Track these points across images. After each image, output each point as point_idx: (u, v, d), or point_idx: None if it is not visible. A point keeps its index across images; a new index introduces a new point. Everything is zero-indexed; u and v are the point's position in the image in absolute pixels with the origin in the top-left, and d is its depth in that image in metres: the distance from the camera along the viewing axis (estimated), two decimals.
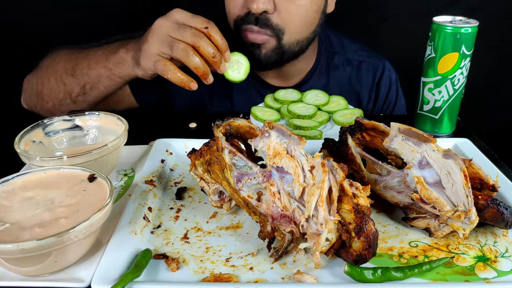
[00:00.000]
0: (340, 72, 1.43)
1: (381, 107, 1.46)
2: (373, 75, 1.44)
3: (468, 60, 1.01)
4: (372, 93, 1.45)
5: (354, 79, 1.44)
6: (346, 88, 1.43)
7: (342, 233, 0.64)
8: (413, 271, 0.64)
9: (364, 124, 0.84)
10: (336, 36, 1.48)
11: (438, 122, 1.08)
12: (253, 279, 0.64)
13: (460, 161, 0.69)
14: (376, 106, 1.45)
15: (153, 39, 1.03)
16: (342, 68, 1.44)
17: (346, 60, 1.44)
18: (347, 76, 1.44)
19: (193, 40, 1.00)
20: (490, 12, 1.73)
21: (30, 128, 0.88)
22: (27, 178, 0.73)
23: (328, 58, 1.43)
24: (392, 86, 1.46)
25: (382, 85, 1.45)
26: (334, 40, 1.47)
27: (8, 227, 0.62)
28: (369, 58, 1.46)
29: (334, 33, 1.49)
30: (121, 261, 0.64)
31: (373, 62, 1.45)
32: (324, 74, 1.42)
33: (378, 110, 1.46)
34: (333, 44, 1.46)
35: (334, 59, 1.43)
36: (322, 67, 1.42)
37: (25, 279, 0.64)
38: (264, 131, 0.73)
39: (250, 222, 0.77)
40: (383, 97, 1.46)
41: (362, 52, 1.47)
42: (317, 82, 1.40)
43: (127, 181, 0.90)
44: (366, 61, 1.45)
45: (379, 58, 1.47)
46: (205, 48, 1.00)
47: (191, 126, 1.16)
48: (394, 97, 1.47)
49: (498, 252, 0.70)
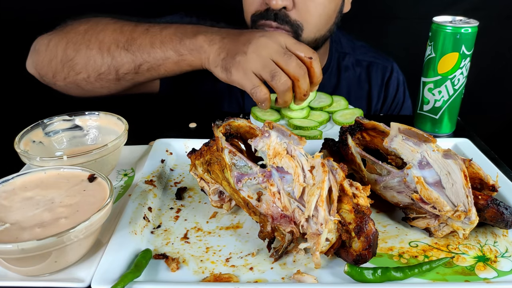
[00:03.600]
0: (350, 73, 1.45)
1: (389, 107, 1.48)
2: (382, 76, 1.47)
3: (468, 60, 1.01)
4: (381, 93, 1.47)
5: (363, 79, 1.46)
6: (356, 89, 1.44)
7: (342, 233, 0.64)
8: (413, 271, 0.64)
9: (364, 124, 0.84)
10: (347, 37, 1.50)
11: (438, 122, 1.08)
12: (253, 279, 0.64)
13: (460, 161, 0.69)
14: (385, 106, 1.48)
15: (254, 55, 0.97)
16: (352, 69, 1.45)
17: (356, 61, 1.46)
18: (356, 77, 1.45)
19: (296, 73, 0.97)
20: (490, 12, 1.73)
21: (30, 128, 0.88)
22: (27, 178, 0.72)
23: (339, 59, 1.45)
24: (400, 87, 1.49)
25: (391, 86, 1.47)
26: (345, 42, 1.49)
27: (8, 227, 0.62)
28: (378, 60, 1.48)
29: (344, 34, 1.51)
30: (121, 261, 0.64)
31: (382, 64, 1.48)
32: (334, 75, 1.43)
33: (386, 110, 1.48)
34: (344, 45, 1.48)
35: (344, 60, 1.45)
36: (333, 67, 1.43)
37: (25, 279, 0.64)
38: (264, 131, 0.73)
39: (250, 222, 0.77)
40: (391, 97, 1.48)
41: (371, 53, 1.50)
42: (328, 83, 1.41)
43: (127, 181, 0.90)
44: (376, 62, 1.47)
45: (387, 60, 1.50)
46: (302, 85, 0.99)
47: (191, 126, 1.16)
48: (402, 98, 1.49)
49: (498, 252, 0.70)
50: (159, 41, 1.05)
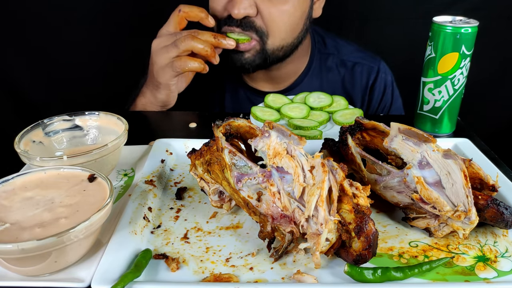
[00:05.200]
0: (333, 74, 1.42)
1: (376, 110, 1.45)
2: (367, 78, 1.43)
3: (468, 60, 1.01)
4: (365, 96, 1.44)
5: (347, 81, 1.43)
6: (339, 90, 1.42)
7: (342, 233, 0.64)
8: (413, 271, 0.64)
9: (364, 124, 0.84)
10: (331, 37, 1.47)
11: (438, 122, 1.08)
12: (253, 279, 0.64)
13: (460, 161, 0.69)
14: (370, 109, 1.45)
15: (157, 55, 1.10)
16: (335, 70, 1.43)
17: (340, 61, 1.43)
18: (340, 78, 1.43)
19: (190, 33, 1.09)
20: (490, 12, 1.73)
21: (30, 128, 0.88)
22: (27, 178, 0.72)
23: (321, 60, 1.42)
24: (387, 88, 1.45)
25: (376, 88, 1.44)
26: (329, 42, 1.46)
27: (8, 227, 0.62)
28: (364, 60, 1.44)
29: (329, 35, 1.48)
30: (121, 261, 0.64)
31: (367, 64, 1.44)
32: (316, 77, 1.41)
33: (373, 113, 1.45)
34: (328, 45, 1.45)
35: (327, 61, 1.43)
36: (315, 69, 1.41)
37: (25, 279, 0.64)
38: (264, 131, 0.73)
39: (250, 222, 0.77)
40: (377, 100, 1.45)
41: (358, 53, 1.46)
42: (310, 85, 1.39)
43: (127, 181, 0.90)
44: (361, 63, 1.44)
45: (374, 60, 1.46)
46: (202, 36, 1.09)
47: (191, 126, 1.15)
48: (390, 99, 1.46)
49: (498, 252, 0.70)
50: None
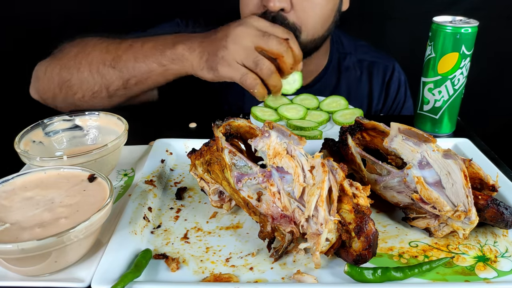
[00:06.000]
0: (350, 73, 1.45)
1: (390, 107, 1.48)
2: (383, 76, 1.46)
3: (468, 60, 1.01)
4: (382, 93, 1.47)
5: (365, 79, 1.46)
6: (356, 89, 1.44)
7: (342, 233, 0.64)
8: (413, 271, 0.64)
9: (364, 124, 0.84)
10: (348, 37, 1.50)
11: (438, 122, 1.08)
12: (253, 279, 0.64)
13: (460, 161, 0.69)
14: (385, 106, 1.47)
15: (235, 46, 0.99)
16: (353, 69, 1.45)
17: (357, 61, 1.46)
18: (357, 77, 1.45)
19: (279, 50, 1.00)
20: (490, 12, 1.73)
21: (30, 128, 0.88)
22: (27, 178, 0.72)
23: (339, 59, 1.44)
24: (401, 87, 1.48)
25: (392, 86, 1.47)
26: (346, 42, 1.48)
27: (8, 227, 0.62)
28: (380, 59, 1.48)
29: (346, 35, 1.50)
30: (121, 261, 0.64)
31: (383, 63, 1.47)
32: (334, 75, 1.43)
33: (387, 110, 1.48)
34: (345, 45, 1.48)
35: (345, 60, 1.45)
36: (334, 68, 1.43)
37: (25, 279, 0.64)
38: (264, 131, 0.73)
39: (250, 222, 0.77)
40: (392, 97, 1.47)
41: (373, 53, 1.49)
42: (328, 83, 1.41)
43: (127, 181, 0.90)
44: (377, 62, 1.47)
45: (389, 59, 1.49)
46: (286, 60, 1.01)
47: (191, 126, 1.16)
48: (403, 98, 1.49)
49: (498, 252, 0.70)
50: (142, 55, 1.10)
